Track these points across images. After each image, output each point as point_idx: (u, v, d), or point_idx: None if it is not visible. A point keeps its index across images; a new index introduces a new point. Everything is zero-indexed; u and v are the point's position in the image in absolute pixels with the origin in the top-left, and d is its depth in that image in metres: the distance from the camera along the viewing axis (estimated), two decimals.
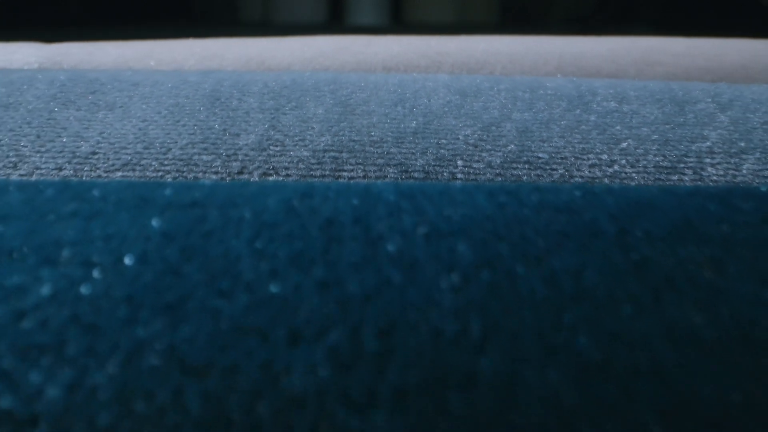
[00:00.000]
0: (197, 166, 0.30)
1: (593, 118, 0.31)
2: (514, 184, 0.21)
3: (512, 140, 0.30)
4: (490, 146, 0.29)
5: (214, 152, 0.30)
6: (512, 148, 0.29)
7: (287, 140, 0.30)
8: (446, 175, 0.27)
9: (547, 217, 0.18)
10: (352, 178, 0.27)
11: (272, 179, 0.26)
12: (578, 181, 0.26)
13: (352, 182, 0.20)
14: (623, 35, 0.47)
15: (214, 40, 0.46)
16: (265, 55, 0.44)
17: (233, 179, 0.26)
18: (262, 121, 0.31)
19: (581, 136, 0.30)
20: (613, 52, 0.44)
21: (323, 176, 0.27)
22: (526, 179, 0.26)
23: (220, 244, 0.17)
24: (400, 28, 1.20)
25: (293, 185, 0.19)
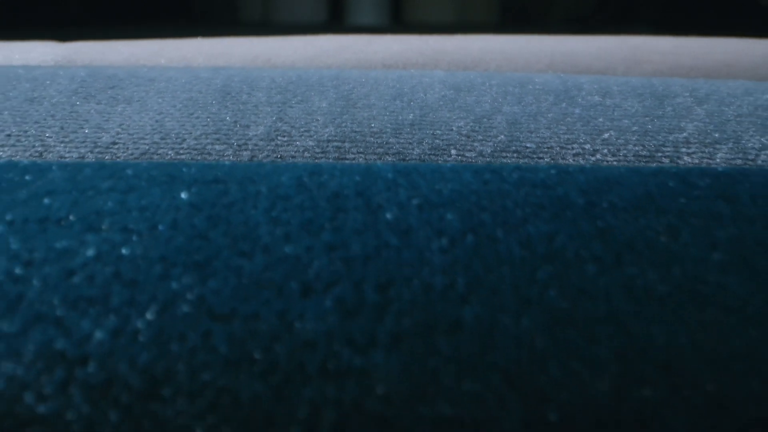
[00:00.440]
0: (210, 155, 0.33)
1: (578, 111, 0.34)
2: (498, 164, 0.25)
3: (502, 131, 0.33)
4: (481, 137, 0.32)
5: (225, 142, 0.33)
6: (502, 138, 0.32)
7: (294, 131, 0.33)
8: (440, 163, 0.30)
9: (525, 191, 0.21)
10: None
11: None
12: None
13: (354, 163, 0.23)
14: (623, 35, 0.50)
15: (221, 39, 0.49)
16: (270, 53, 0.47)
17: None
18: (270, 113, 0.34)
19: (566, 127, 0.33)
20: (602, 50, 0.47)
21: None
22: None
23: (240, 213, 0.20)
24: (400, 28, 1.23)
25: (303, 165, 0.22)
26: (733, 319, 0.19)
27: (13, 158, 0.30)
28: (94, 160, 0.32)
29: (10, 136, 0.33)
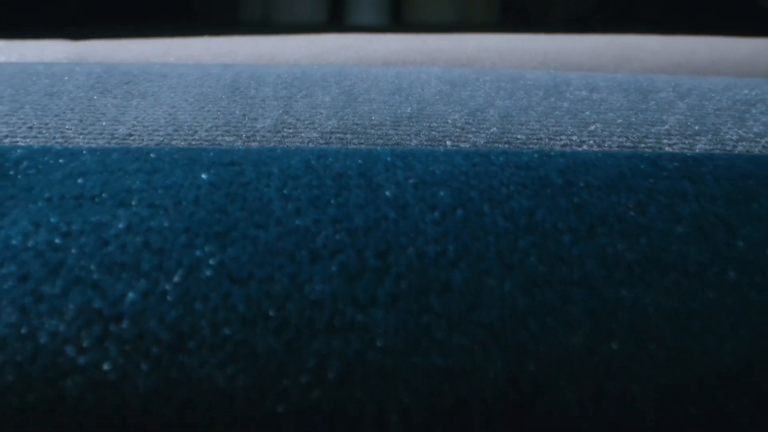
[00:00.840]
0: (221, 145, 0.36)
1: (566, 104, 0.37)
2: (486, 149, 0.27)
3: (494, 124, 0.35)
4: (474, 129, 0.35)
5: (235, 134, 0.36)
6: (494, 130, 0.35)
7: (299, 124, 0.36)
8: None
9: (510, 172, 0.24)
10: None
11: None
12: None
13: (357, 148, 0.26)
14: (622, 35, 0.53)
15: (227, 38, 0.52)
16: (274, 51, 0.50)
17: None
18: (276, 107, 0.37)
19: (555, 120, 0.36)
20: (593, 49, 0.50)
21: None
22: None
23: (255, 191, 0.23)
24: (400, 28, 1.25)
25: (311, 149, 0.25)
26: (692, 283, 0.21)
27: None
28: None
29: (32, 128, 0.36)
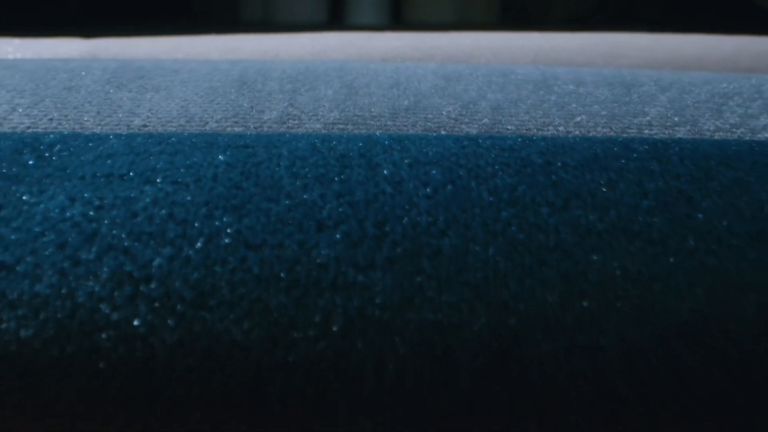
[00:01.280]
0: None
1: (554, 98, 0.40)
2: (474, 134, 0.31)
3: (486, 115, 0.39)
4: (467, 120, 0.39)
5: (243, 125, 0.39)
6: (486, 121, 0.39)
7: (303, 116, 0.39)
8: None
9: (495, 153, 0.27)
10: None
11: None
12: None
13: (358, 133, 0.29)
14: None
15: (234, 36, 0.55)
16: (278, 49, 0.53)
17: None
18: (282, 100, 0.40)
19: (543, 112, 0.39)
20: (583, 46, 0.53)
21: None
22: None
23: (267, 169, 0.26)
24: (400, 28, 1.28)
25: (316, 134, 0.28)
26: (655, 249, 0.25)
27: None
28: None
29: (52, 119, 0.39)
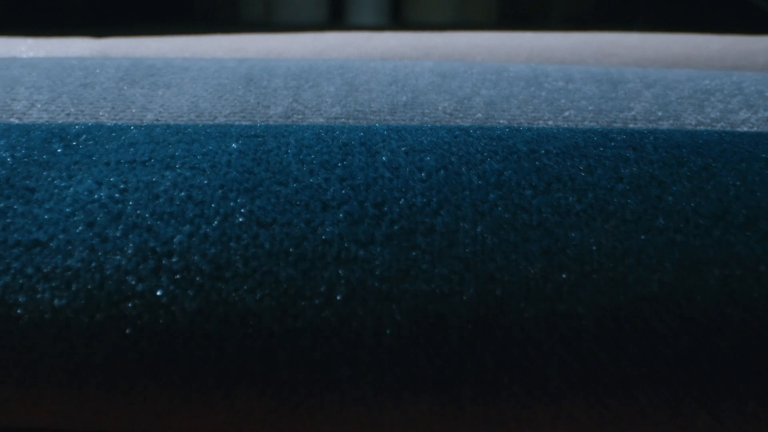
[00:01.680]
0: None
1: (544, 93, 0.43)
2: (466, 125, 0.34)
3: (480, 110, 0.42)
4: (462, 115, 0.42)
5: (250, 119, 0.42)
6: (479, 116, 0.42)
7: (307, 111, 0.42)
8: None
9: (484, 142, 0.30)
10: None
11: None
12: None
13: (359, 124, 0.32)
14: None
15: (238, 36, 0.58)
16: (282, 48, 0.57)
17: None
18: (286, 96, 0.43)
19: (533, 107, 0.42)
20: (575, 45, 0.56)
21: None
22: None
23: (276, 156, 0.29)
24: (399, 27, 1.32)
25: (321, 125, 0.31)
26: (628, 227, 0.28)
27: None
28: None
29: (69, 115, 0.43)
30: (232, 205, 0.28)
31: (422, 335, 0.26)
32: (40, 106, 0.43)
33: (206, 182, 0.28)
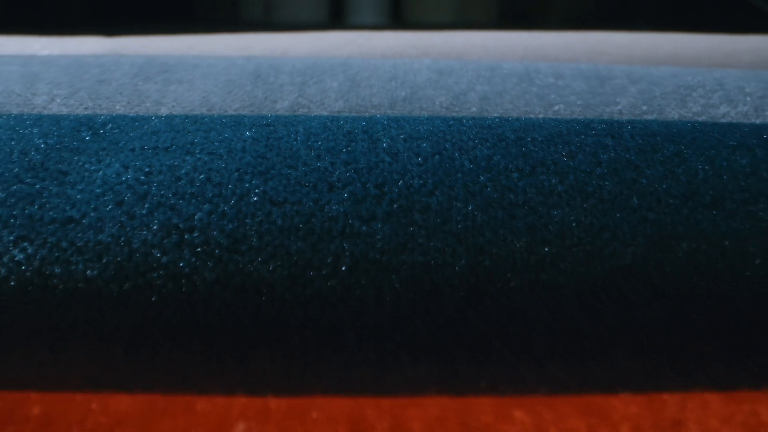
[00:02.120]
0: None
1: (535, 89, 0.47)
2: (459, 116, 0.38)
3: (474, 105, 0.46)
4: (458, 109, 0.45)
5: (258, 113, 0.46)
6: (474, 110, 0.46)
7: (311, 105, 0.46)
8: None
9: (476, 130, 0.34)
10: None
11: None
12: None
13: (361, 115, 0.36)
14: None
15: (244, 35, 0.62)
16: (286, 46, 0.60)
17: None
18: (292, 91, 0.47)
19: (525, 101, 0.46)
20: (568, 44, 0.60)
21: None
22: None
23: (286, 143, 0.33)
24: (399, 28, 1.35)
25: (326, 116, 0.35)
26: (605, 206, 0.31)
27: None
28: None
29: (87, 109, 0.46)
30: (247, 186, 0.31)
31: (419, 302, 0.30)
32: (59, 100, 0.47)
33: (223, 166, 0.32)
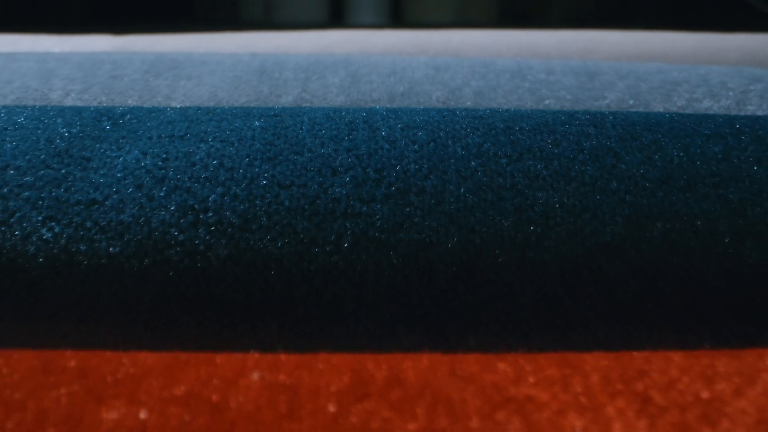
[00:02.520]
0: None
1: (527, 84, 0.50)
2: (453, 107, 0.41)
3: (469, 99, 0.49)
4: (453, 103, 0.49)
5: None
6: (469, 105, 0.49)
7: (314, 100, 0.50)
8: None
9: (468, 120, 0.37)
10: None
11: None
12: None
13: (362, 107, 0.39)
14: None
15: (248, 33, 0.66)
16: (289, 44, 0.64)
17: None
18: (296, 87, 0.50)
19: (517, 96, 0.49)
20: (561, 42, 0.64)
21: None
22: None
23: (293, 131, 0.36)
24: (399, 27, 1.39)
25: (329, 107, 0.39)
26: (586, 189, 0.35)
27: None
28: None
29: (101, 103, 0.50)
30: (256, 170, 0.35)
31: (414, 277, 0.34)
32: (74, 95, 0.51)
33: (235, 152, 0.36)
